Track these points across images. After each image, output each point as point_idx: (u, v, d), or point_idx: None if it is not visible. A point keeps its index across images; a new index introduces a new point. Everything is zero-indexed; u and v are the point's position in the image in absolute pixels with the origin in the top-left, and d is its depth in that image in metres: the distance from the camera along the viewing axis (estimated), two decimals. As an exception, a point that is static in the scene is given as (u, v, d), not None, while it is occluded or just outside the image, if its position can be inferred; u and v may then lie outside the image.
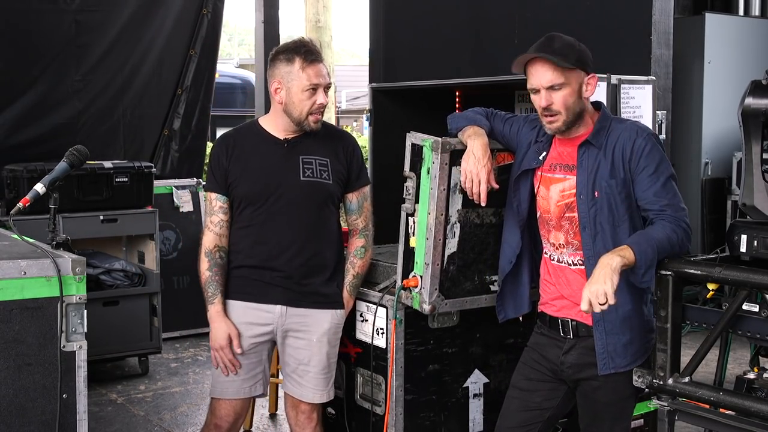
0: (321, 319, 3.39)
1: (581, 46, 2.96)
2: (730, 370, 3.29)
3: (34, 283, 2.74)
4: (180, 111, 7.01)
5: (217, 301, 3.37)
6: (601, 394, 3.00)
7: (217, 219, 3.40)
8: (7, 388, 2.71)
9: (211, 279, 3.37)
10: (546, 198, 3.05)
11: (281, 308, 3.36)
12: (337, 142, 3.44)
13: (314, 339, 3.39)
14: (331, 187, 3.38)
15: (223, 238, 3.40)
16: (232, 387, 3.41)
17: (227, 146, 3.40)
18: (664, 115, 4.25)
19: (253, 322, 3.38)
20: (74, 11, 6.42)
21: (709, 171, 7.60)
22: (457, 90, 4.74)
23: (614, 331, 2.94)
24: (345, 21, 46.65)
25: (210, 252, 3.39)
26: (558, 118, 2.93)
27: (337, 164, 3.39)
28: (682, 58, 6.73)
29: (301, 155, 3.36)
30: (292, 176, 3.33)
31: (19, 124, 6.27)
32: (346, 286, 3.45)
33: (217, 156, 3.41)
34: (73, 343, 2.80)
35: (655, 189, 2.87)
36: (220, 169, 3.38)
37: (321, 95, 3.30)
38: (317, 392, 3.43)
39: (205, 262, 3.39)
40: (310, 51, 3.30)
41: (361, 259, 3.47)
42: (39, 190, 3.23)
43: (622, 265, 2.71)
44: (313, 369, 3.41)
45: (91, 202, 5.67)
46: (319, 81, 3.28)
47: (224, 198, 3.39)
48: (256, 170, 3.35)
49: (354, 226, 3.51)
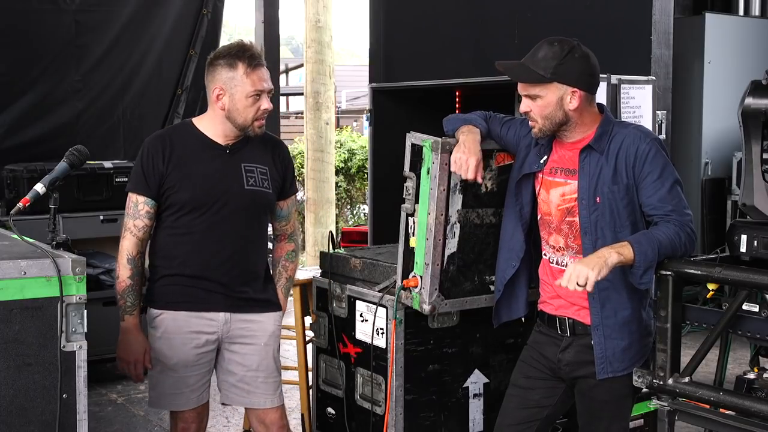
0: (265, 322, 3.34)
1: (570, 57, 2.88)
2: (730, 370, 3.30)
3: (34, 283, 2.73)
4: (180, 111, 7.00)
5: (136, 312, 3.25)
6: (598, 393, 3.00)
7: (141, 224, 3.24)
8: (7, 388, 2.71)
9: (131, 288, 3.24)
10: (546, 201, 3.04)
11: (224, 315, 3.28)
12: (274, 149, 3.38)
13: (262, 343, 3.32)
14: (270, 195, 3.33)
15: (144, 244, 3.27)
16: (181, 399, 3.30)
17: (163, 149, 3.23)
18: (664, 115, 4.26)
19: (198, 331, 3.27)
20: (74, 11, 6.41)
21: (709, 171, 7.60)
22: (457, 90, 4.75)
23: (613, 336, 2.93)
24: (345, 21, 46.64)
25: (133, 258, 3.23)
26: (535, 125, 2.95)
27: (275, 172, 3.34)
28: (682, 58, 6.73)
29: (243, 163, 3.28)
30: (237, 185, 3.25)
31: (19, 124, 6.25)
32: (280, 288, 3.43)
33: (150, 157, 3.22)
34: (73, 343, 2.79)
35: (660, 195, 2.85)
36: (154, 172, 3.21)
37: (265, 101, 3.21)
38: (267, 397, 3.34)
39: (127, 269, 3.23)
40: (253, 56, 3.20)
41: (292, 262, 3.49)
42: (39, 190, 3.23)
43: (617, 262, 2.71)
44: (262, 374, 3.33)
45: (91, 202, 5.67)
46: (263, 86, 3.20)
47: (152, 203, 3.23)
48: (199, 177, 3.22)
49: (283, 231, 3.46)
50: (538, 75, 2.88)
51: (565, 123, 2.94)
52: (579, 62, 2.90)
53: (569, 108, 2.90)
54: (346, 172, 12.68)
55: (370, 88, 4.90)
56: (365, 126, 15.70)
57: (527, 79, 2.90)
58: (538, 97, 2.90)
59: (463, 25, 5.51)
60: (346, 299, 3.66)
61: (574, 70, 2.89)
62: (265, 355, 3.33)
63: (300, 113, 15.38)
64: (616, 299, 2.89)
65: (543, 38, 2.96)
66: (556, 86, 2.89)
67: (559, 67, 2.87)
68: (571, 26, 4.69)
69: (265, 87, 3.21)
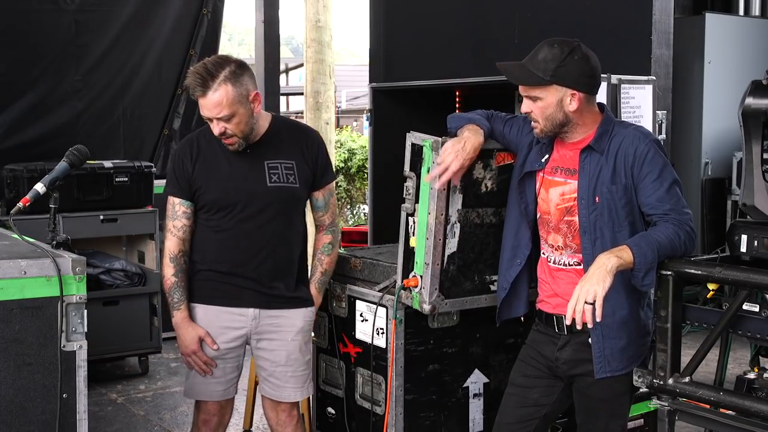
0: (293, 318, 3.39)
1: (570, 59, 2.87)
2: (730, 370, 3.29)
3: (35, 282, 2.74)
4: (180, 111, 7.01)
5: (184, 307, 3.34)
6: (596, 391, 3.00)
7: (180, 224, 3.35)
8: (7, 387, 2.71)
9: (177, 285, 3.33)
10: (546, 200, 3.05)
11: (254, 311, 3.36)
12: (302, 140, 3.39)
13: (289, 338, 3.39)
14: (297, 190, 3.35)
15: (186, 243, 3.36)
16: (207, 389, 3.41)
17: (191, 151, 3.34)
18: (664, 115, 4.26)
19: (227, 326, 3.36)
20: (74, 11, 6.42)
21: (709, 171, 7.60)
22: (457, 90, 4.75)
23: (611, 335, 2.93)
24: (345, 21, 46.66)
25: (175, 257, 3.34)
26: (537, 126, 2.96)
27: (303, 165, 3.36)
28: (682, 58, 6.73)
29: (266, 160, 3.31)
30: (260, 183, 3.29)
31: (19, 124, 6.26)
32: (314, 283, 3.46)
33: (180, 160, 3.35)
34: (73, 342, 2.80)
35: (658, 195, 2.85)
36: (184, 174, 3.33)
37: (215, 126, 3.20)
38: (296, 390, 3.44)
39: (170, 268, 3.33)
40: (194, 86, 3.16)
41: (328, 255, 3.48)
42: (39, 190, 3.23)
43: (618, 266, 2.70)
44: (290, 368, 3.41)
45: (91, 201, 5.67)
46: (211, 114, 3.18)
47: (188, 203, 3.35)
48: (223, 177, 3.30)
49: (320, 222, 3.49)
50: (537, 77, 2.88)
51: (566, 124, 2.94)
52: (578, 64, 2.89)
53: (569, 109, 2.90)
54: (346, 172, 12.69)
55: (370, 88, 4.90)
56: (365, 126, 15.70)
57: (526, 82, 2.91)
58: (538, 99, 2.91)
59: (463, 25, 5.51)
60: (346, 299, 3.66)
61: (573, 72, 2.88)
62: (293, 350, 3.39)
63: (300, 113, 15.38)
64: (614, 299, 2.88)
65: (543, 38, 2.96)
66: (556, 88, 2.89)
67: (559, 70, 2.87)
68: (571, 26, 4.69)
69: (207, 114, 3.21)
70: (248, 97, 3.21)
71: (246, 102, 3.20)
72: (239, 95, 3.17)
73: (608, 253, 2.74)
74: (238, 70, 3.18)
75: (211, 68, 3.15)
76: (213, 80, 3.14)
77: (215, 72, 3.14)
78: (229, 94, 3.15)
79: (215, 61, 3.20)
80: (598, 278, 2.67)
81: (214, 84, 3.14)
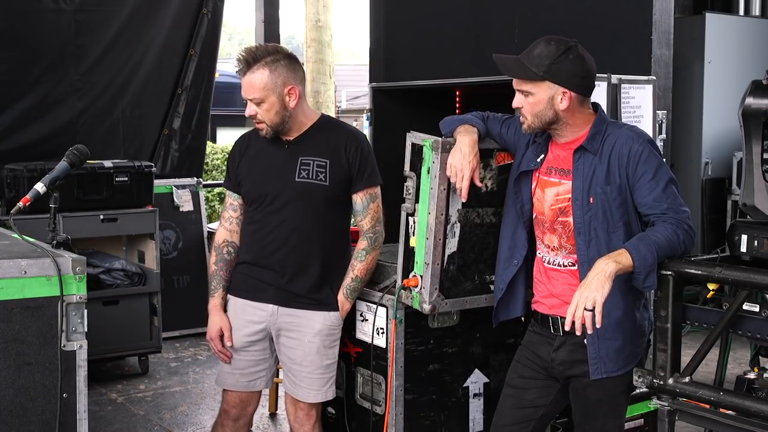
0: (312, 320, 3.39)
1: (564, 58, 2.87)
2: (730, 370, 3.29)
3: (35, 282, 2.74)
4: (180, 110, 7.00)
5: (217, 295, 3.48)
6: (592, 391, 3.00)
7: (227, 215, 3.51)
8: (7, 387, 2.71)
9: (215, 273, 3.49)
10: (541, 200, 3.05)
11: (273, 307, 3.40)
12: (342, 142, 3.39)
13: (306, 339, 3.40)
14: (327, 189, 3.36)
15: (233, 234, 3.49)
16: (231, 378, 3.49)
17: (241, 146, 3.50)
18: (665, 114, 4.25)
19: (250, 320, 3.44)
20: (74, 11, 6.41)
21: (709, 171, 7.60)
22: (457, 90, 4.74)
23: (607, 336, 2.93)
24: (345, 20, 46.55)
25: (218, 246, 3.50)
26: (525, 121, 2.97)
27: (338, 165, 3.37)
28: (682, 58, 6.73)
29: (301, 156, 3.37)
30: (289, 178, 3.36)
31: (19, 124, 6.26)
32: (343, 287, 3.43)
33: (233, 154, 3.52)
34: (74, 342, 2.80)
35: (655, 194, 2.85)
36: (233, 167, 3.49)
37: (247, 107, 3.34)
38: (311, 392, 3.44)
39: (213, 256, 3.51)
40: (238, 64, 3.31)
41: (361, 262, 3.43)
42: (39, 190, 3.23)
43: (617, 271, 2.69)
44: (306, 369, 3.42)
45: (91, 201, 5.67)
46: (245, 95, 3.32)
47: (236, 195, 3.48)
48: (260, 170, 3.41)
49: (359, 227, 3.49)
50: (530, 72, 2.88)
51: (555, 122, 2.94)
52: (572, 63, 2.89)
53: (559, 108, 2.91)
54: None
55: (370, 87, 4.88)
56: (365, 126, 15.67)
57: (519, 75, 2.92)
58: (529, 94, 2.92)
59: (463, 25, 5.51)
60: (346, 299, 3.65)
61: (566, 70, 2.89)
62: (309, 351, 3.41)
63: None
64: (610, 300, 2.88)
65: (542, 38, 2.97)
66: (548, 85, 2.89)
67: (552, 66, 2.87)
68: (571, 26, 4.68)
69: (246, 96, 3.32)
70: (284, 88, 3.29)
71: (279, 92, 3.29)
72: (273, 83, 3.28)
73: (607, 258, 2.73)
74: (283, 61, 3.31)
75: (258, 52, 3.31)
76: (255, 63, 3.28)
77: (259, 56, 3.29)
78: (263, 80, 3.27)
79: (266, 47, 3.36)
80: (597, 285, 2.66)
81: (254, 66, 3.28)
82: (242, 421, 3.54)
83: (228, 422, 3.52)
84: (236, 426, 3.53)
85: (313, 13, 9.43)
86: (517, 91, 2.96)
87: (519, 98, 2.96)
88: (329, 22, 9.56)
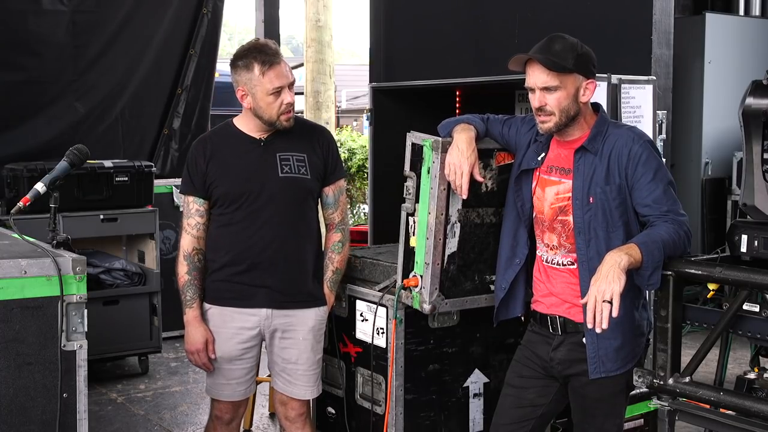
0: (305, 317, 3.41)
1: (584, 49, 2.93)
2: (730, 370, 3.29)
3: (35, 282, 2.74)
4: (180, 110, 7.01)
5: (196, 305, 3.38)
6: (591, 390, 3.00)
7: (194, 222, 3.40)
8: (7, 387, 2.71)
9: (189, 283, 3.38)
10: (541, 199, 3.05)
11: (266, 311, 3.38)
12: (313, 136, 3.45)
13: (300, 338, 3.41)
14: (309, 182, 3.39)
15: (200, 241, 3.40)
16: (227, 389, 3.44)
17: (204, 149, 3.41)
18: (665, 115, 4.25)
19: (242, 327, 3.39)
20: (72, 11, 6.42)
21: (709, 171, 7.60)
22: (458, 90, 4.75)
23: (605, 335, 2.91)
24: (345, 20, 46.56)
25: (189, 255, 3.39)
26: (551, 119, 2.93)
27: (315, 159, 3.41)
28: (682, 58, 6.73)
29: (278, 152, 3.37)
30: (271, 173, 3.34)
31: (19, 125, 6.26)
32: (326, 282, 3.46)
33: (194, 159, 3.42)
34: (74, 342, 2.80)
35: (654, 196, 2.86)
36: (197, 171, 3.39)
37: (286, 95, 3.30)
38: (307, 389, 3.45)
39: (183, 266, 3.39)
40: (266, 54, 3.27)
41: (339, 254, 3.49)
42: (39, 190, 3.23)
43: (629, 264, 2.69)
44: (301, 367, 3.43)
45: (91, 201, 5.67)
46: (281, 83, 3.27)
47: (201, 201, 3.40)
48: (235, 170, 3.36)
49: (330, 220, 3.51)
50: (561, 65, 2.87)
51: (575, 116, 2.94)
52: (588, 54, 2.94)
53: (582, 100, 2.92)
54: (346, 171, 12.69)
55: (370, 87, 4.89)
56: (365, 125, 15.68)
57: (554, 67, 2.87)
58: (558, 89, 2.88)
59: (463, 25, 5.50)
60: (346, 299, 3.66)
61: (587, 61, 2.93)
62: (304, 349, 3.41)
63: (300, 113, 15.38)
64: None
65: (543, 38, 2.96)
66: (576, 77, 2.90)
67: (579, 58, 2.90)
68: (571, 26, 4.67)
69: (283, 83, 3.28)
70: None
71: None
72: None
73: (618, 250, 2.73)
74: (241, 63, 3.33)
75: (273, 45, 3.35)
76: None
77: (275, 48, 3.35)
78: None
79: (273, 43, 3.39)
80: (613, 276, 2.65)
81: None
82: (235, 423, 3.53)
83: (221, 426, 3.49)
84: (229, 428, 3.51)
85: (313, 13, 9.42)
86: (538, 90, 2.91)
87: (540, 96, 2.91)
88: (329, 22, 9.54)
